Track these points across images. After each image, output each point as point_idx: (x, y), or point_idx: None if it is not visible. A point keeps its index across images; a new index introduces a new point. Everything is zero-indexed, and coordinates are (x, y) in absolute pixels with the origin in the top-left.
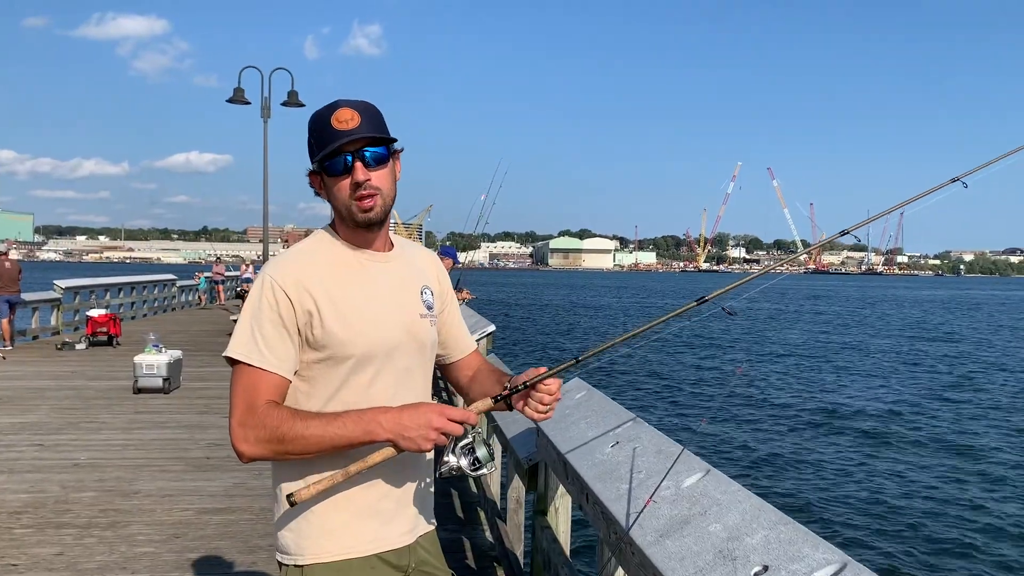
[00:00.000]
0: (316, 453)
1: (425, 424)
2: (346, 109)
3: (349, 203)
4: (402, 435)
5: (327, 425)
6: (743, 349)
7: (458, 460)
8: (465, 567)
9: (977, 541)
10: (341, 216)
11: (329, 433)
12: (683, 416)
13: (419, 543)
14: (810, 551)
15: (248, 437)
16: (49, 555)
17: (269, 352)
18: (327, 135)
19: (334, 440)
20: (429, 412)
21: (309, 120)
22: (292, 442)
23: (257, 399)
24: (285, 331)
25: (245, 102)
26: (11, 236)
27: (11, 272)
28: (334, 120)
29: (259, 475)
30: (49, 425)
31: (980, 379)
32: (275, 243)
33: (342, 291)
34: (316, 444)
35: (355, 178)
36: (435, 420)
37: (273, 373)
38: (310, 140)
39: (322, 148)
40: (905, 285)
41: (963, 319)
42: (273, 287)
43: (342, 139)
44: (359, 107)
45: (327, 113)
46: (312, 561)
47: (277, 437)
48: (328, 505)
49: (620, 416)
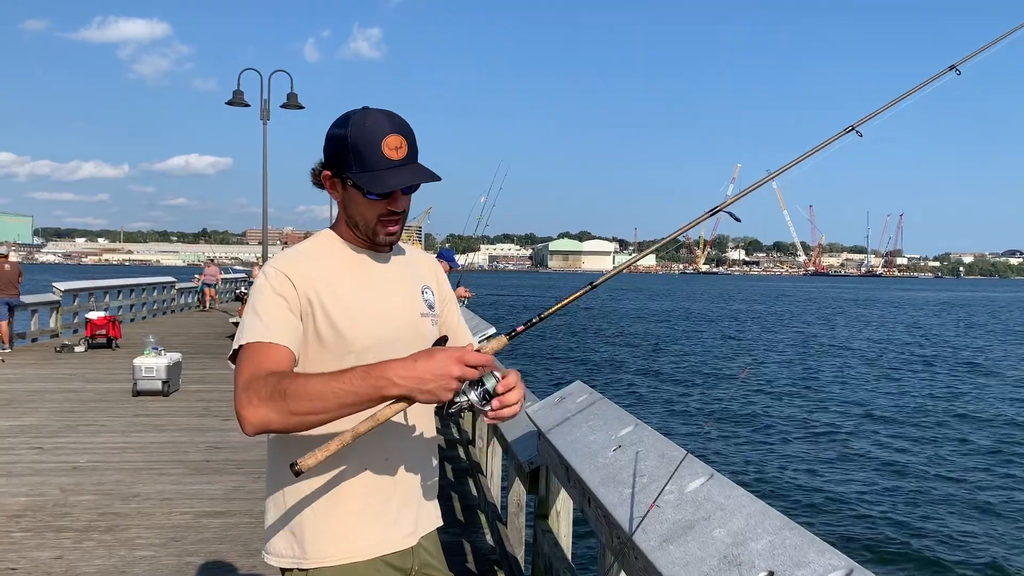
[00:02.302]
0: (322, 414)
1: (445, 373)
2: (396, 136)
3: (375, 224)
4: (419, 388)
5: (331, 379)
6: (747, 352)
7: (467, 395)
8: (466, 570)
9: (984, 546)
10: (354, 225)
11: (333, 388)
12: (686, 420)
13: (421, 544)
14: (816, 556)
15: (251, 399)
16: (48, 558)
17: (273, 326)
18: (376, 160)
19: (339, 395)
20: (447, 360)
21: (344, 127)
22: (296, 398)
23: (261, 367)
24: (289, 311)
25: (244, 104)
26: (10, 238)
27: (10, 274)
28: (385, 147)
29: (258, 478)
30: (48, 428)
31: (987, 381)
32: (274, 245)
33: (344, 286)
34: (320, 400)
35: (394, 207)
36: (455, 368)
37: (279, 344)
38: (344, 148)
39: (366, 168)
40: (904, 288)
41: (967, 321)
42: (276, 274)
43: (394, 169)
44: (404, 132)
45: (375, 135)
46: (316, 565)
47: (280, 392)
48: (330, 506)
49: (622, 420)
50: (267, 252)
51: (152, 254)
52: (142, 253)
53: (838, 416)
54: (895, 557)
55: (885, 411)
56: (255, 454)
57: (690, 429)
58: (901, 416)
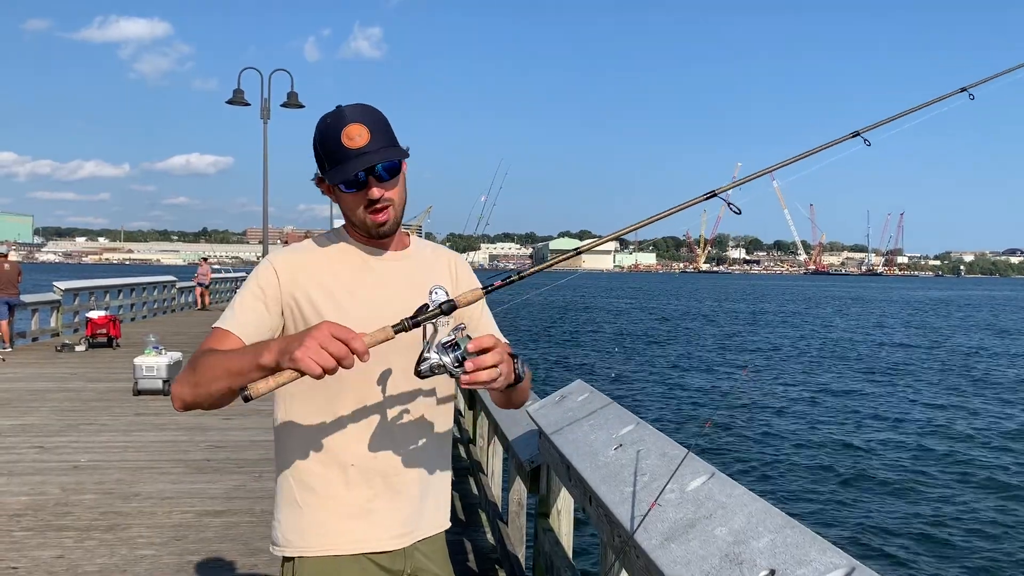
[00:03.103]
0: (215, 383)
1: (310, 339)
2: (355, 125)
3: (363, 216)
4: (286, 351)
5: (228, 353)
6: (748, 351)
7: (440, 356)
8: (467, 569)
9: (987, 544)
10: (351, 222)
11: (225, 357)
12: (687, 419)
13: (417, 548)
14: (817, 555)
15: (179, 377)
16: (49, 558)
17: (237, 316)
18: (338, 153)
19: (228, 364)
20: (315, 329)
21: (316, 129)
22: (199, 369)
23: (201, 349)
24: (262, 304)
25: (244, 103)
26: (10, 238)
27: (10, 274)
28: (344, 137)
29: (259, 477)
30: (49, 427)
31: (992, 382)
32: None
33: (339, 283)
34: (214, 366)
35: (370, 196)
36: (320, 334)
37: (228, 331)
38: (317, 151)
39: (333, 164)
40: (903, 286)
41: (971, 321)
42: (267, 267)
43: (353, 158)
44: (367, 120)
45: (335, 128)
46: (298, 554)
47: (192, 363)
48: (318, 501)
49: (623, 418)
50: (267, 251)
51: (152, 253)
52: (142, 252)
53: (840, 415)
54: (897, 555)
55: (887, 410)
56: (256, 453)
57: (691, 428)
58: (904, 415)
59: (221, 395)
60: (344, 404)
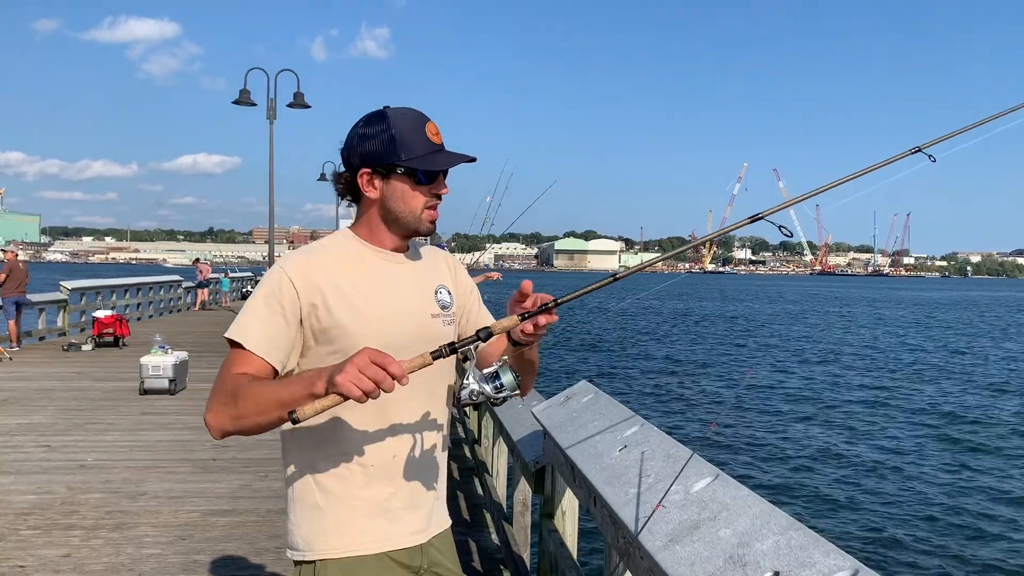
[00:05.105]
0: (263, 414)
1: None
2: (433, 124)
3: (420, 211)
4: (333, 380)
5: (277, 384)
6: (753, 352)
7: (480, 385)
8: (472, 569)
9: (991, 547)
10: (394, 220)
11: (272, 390)
12: (692, 420)
13: (432, 544)
14: (821, 557)
15: (213, 405)
16: (56, 556)
17: (260, 335)
18: (423, 144)
19: (279, 393)
20: (356, 355)
21: (385, 119)
22: (244, 398)
23: (230, 374)
24: (283, 319)
25: (251, 103)
26: (17, 237)
27: (24, 273)
28: (429, 132)
29: (265, 477)
30: (55, 426)
31: (996, 384)
32: (280, 244)
33: (353, 285)
34: (261, 399)
35: (439, 191)
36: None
37: (257, 356)
38: (388, 138)
39: (413, 154)
40: (909, 287)
41: (976, 320)
42: (281, 276)
43: (443, 152)
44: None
45: (418, 121)
46: (322, 557)
47: (232, 393)
48: (338, 502)
49: (628, 420)
50: (273, 250)
51: (159, 253)
52: (149, 252)
53: (845, 417)
54: (901, 558)
55: (893, 412)
56: (262, 453)
57: (696, 429)
58: (909, 418)
59: (269, 424)
60: (359, 406)
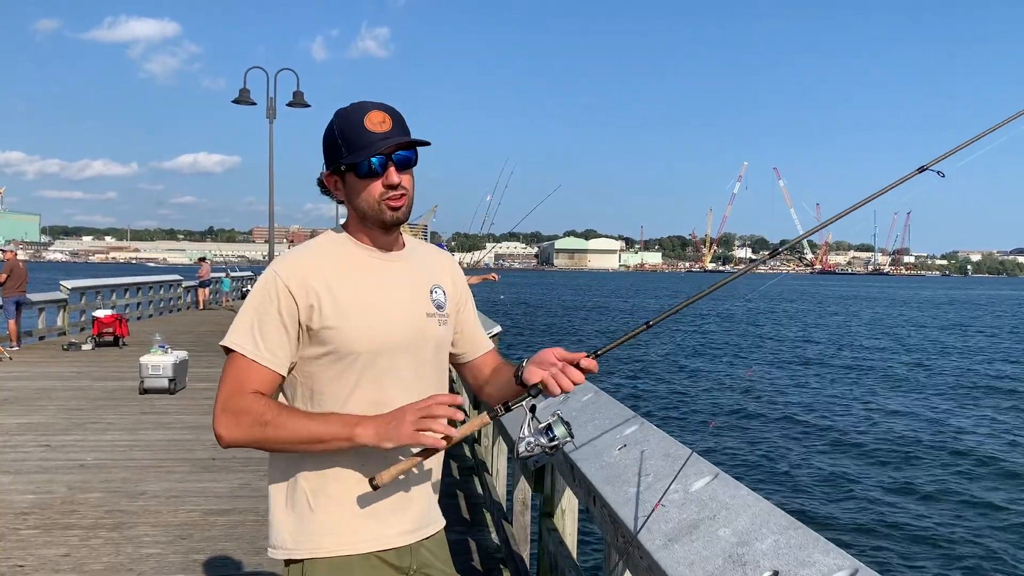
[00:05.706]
0: (292, 444)
1: (407, 423)
2: (378, 112)
3: (378, 203)
4: (386, 439)
5: (311, 419)
6: (752, 352)
7: (536, 438)
8: (471, 569)
9: (989, 546)
10: (363, 216)
11: (310, 426)
12: (691, 419)
13: (423, 545)
14: (820, 556)
15: (229, 422)
16: (56, 556)
17: (264, 345)
18: (360, 136)
19: (315, 432)
20: (406, 411)
21: (334, 120)
22: (275, 428)
23: (244, 387)
24: (283, 327)
25: (250, 103)
26: (17, 237)
27: (24, 272)
28: (367, 122)
29: (264, 475)
30: (55, 426)
31: (994, 385)
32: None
33: (347, 286)
34: (295, 434)
35: (388, 180)
36: (410, 415)
37: (264, 366)
38: (335, 140)
39: (353, 149)
40: (920, 286)
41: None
42: (276, 281)
43: (378, 141)
44: (388, 110)
45: (358, 115)
46: (310, 556)
47: (262, 421)
48: (327, 502)
49: (628, 419)
50: (273, 250)
51: (159, 252)
52: (149, 251)
53: (845, 416)
54: (901, 557)
55: (893, 412)
56: (261, 452)
57: (695, 428)
58: (909, 417)
59: (293, 451)
60: (356, 406)
